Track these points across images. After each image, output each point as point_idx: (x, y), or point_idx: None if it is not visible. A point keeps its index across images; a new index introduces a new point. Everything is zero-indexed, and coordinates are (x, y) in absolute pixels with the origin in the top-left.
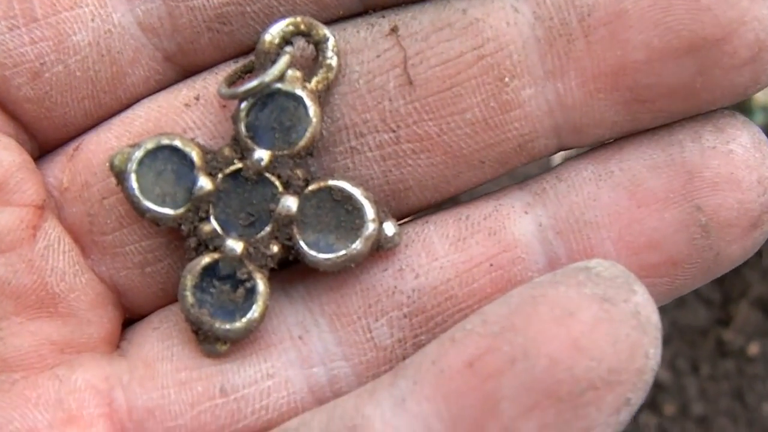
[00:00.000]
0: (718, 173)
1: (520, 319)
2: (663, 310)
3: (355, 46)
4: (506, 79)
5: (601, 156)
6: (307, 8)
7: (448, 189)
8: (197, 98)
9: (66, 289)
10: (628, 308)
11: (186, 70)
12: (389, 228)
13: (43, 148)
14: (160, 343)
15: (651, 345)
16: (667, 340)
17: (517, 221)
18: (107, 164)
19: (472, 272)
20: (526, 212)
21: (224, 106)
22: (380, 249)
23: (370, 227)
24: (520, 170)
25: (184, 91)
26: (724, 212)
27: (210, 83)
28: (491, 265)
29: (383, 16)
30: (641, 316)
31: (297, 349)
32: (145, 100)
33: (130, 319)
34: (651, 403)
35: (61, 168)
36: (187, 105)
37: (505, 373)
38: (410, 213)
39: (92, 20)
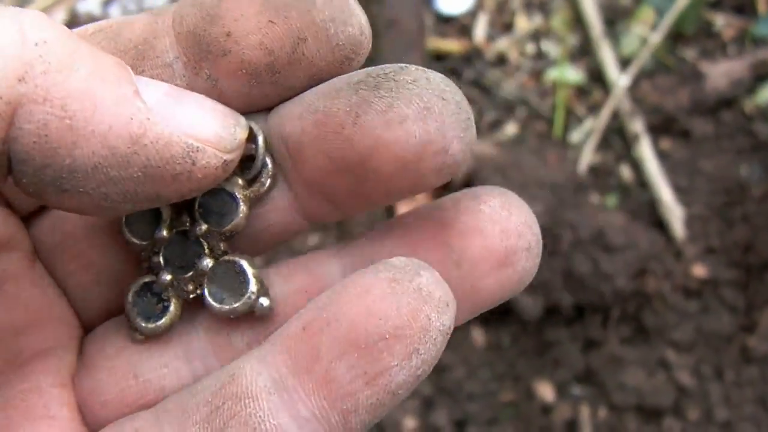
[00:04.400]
0: (466, 225)
1: (335, 297)
2: (687, 317)
3: None
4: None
5: (391, 222)
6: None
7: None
8: None
9: (57, 296)
10: (412, 286)
11: None
12: (264, 301)
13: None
14: (97, 344)
15: (433, 311)
16: (691, 347)
17: (326, 264)
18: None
19: (293, 297)
20: (332, 259)
21: None
22: (252, 312)
23: (250, 297)
24: None
25: None
26: (470, 251)
27: None
28: (306, 291)
29: None
30: (423, 290)
31: (183, 348)
32: None
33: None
34: (675, 409)
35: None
36: None
37: (324, 331)
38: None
39: None
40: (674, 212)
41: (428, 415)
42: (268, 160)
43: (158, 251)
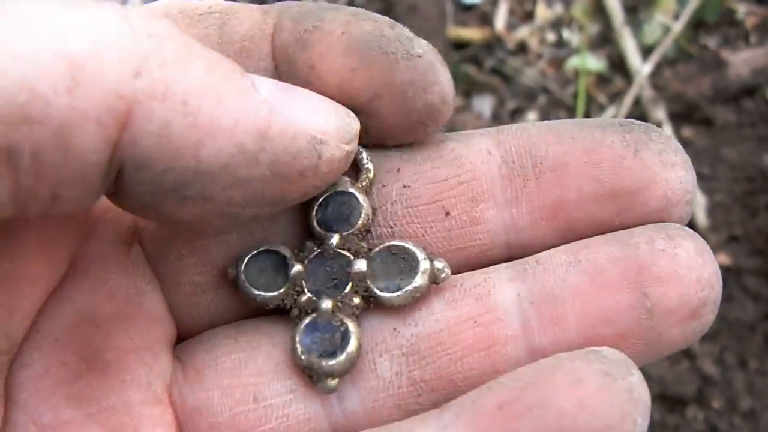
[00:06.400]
0: (664, 269)
1: (541, 379)
2: None
3: (374, 165)
4: (477, 201)
5: (572, 249)
6: None
7: None
8: None
9: (151, 290)
10: (625, 384)
11: None
12: (439, 263)
13: None
14: (207, 355)
15: (639, 415)
16: (715, 335)
17: (500, 290)
18: (227, 275)
19: (460, 326)
20: (508, 284)
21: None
22: (436, 281)
23: (424, 265)
24: None
25: None
26: (667, 300)
27: None
28: (475, 322)
29: (391, 148)
30: (634, 392)
31: None
32: None
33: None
34: (699, 397)
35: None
36: None
37: (525, 417)
38: None
39: None
40: (697, 200)
41: None
42: (360, 148)
43: (301, 289)
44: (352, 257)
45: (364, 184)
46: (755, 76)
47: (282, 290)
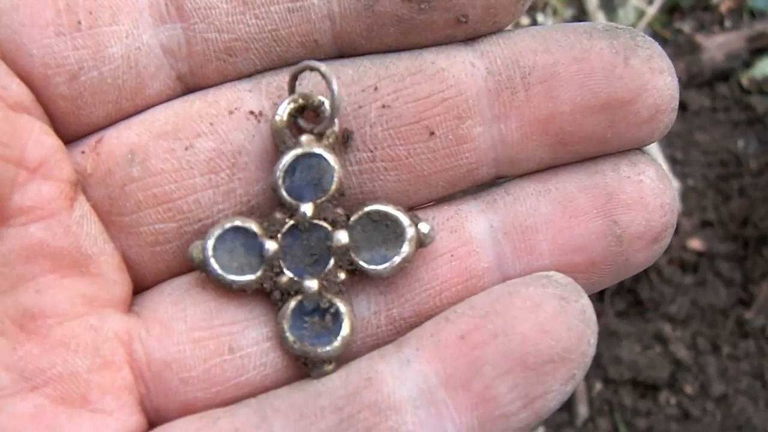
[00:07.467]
0: (631, 197)
1: (501, 306)
2: (683, 291)
3: (345, 81)
4: (462, 118)
5: (541, 178)
6: (297, 51)
7: (408, 202)
8: (214, 108)
9: (97, 252)
10: (578, 307)
11: (191, 89)
12: (424, 227)
13: (63, 140)
14: (174, 306)
15: (592, 336)
16: (687, 320)
17: (473, 222)
18: (189, 258)
19: (437, 261)
20: (480, 216)
21: (231, 113)
22: (422, 246)
23: (410, 232)
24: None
25: (197, 103)
26: (634, 227)
27: (219, 98)
28: (452, 256)
29: (369, 59)
30: (586, 313)
31: None
32: (161, 106)
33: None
34: (671, 383)
35: (84, 157)
36: (200, 116)
37: (489, 345)
38: None
39: (126, 37)
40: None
41: None
42: (319, 98)
43: (279, 269)
44: (329, 228)
45: (330, 140)
46: (729, 60)
47: (259, 273)
